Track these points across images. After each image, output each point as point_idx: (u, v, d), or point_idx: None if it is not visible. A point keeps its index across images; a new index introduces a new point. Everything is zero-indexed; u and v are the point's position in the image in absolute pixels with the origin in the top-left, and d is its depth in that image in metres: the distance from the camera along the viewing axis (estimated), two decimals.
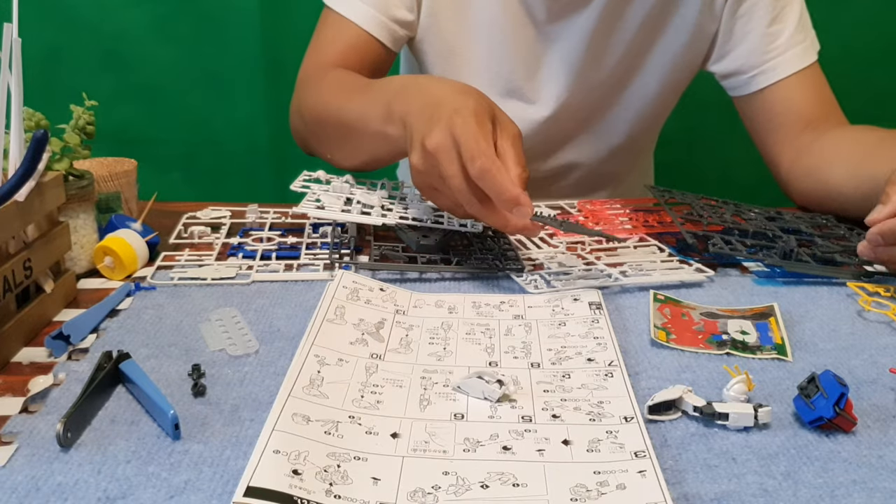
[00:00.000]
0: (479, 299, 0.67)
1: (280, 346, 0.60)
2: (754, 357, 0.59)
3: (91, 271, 0.73)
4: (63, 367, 0.56)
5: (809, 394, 0.51)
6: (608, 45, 0.99)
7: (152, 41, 1.71)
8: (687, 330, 0.63)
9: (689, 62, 1.03)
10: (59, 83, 1.39)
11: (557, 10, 0.97)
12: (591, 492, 0.43)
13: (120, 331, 0.61)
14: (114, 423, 0.50)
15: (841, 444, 0.49)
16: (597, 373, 0.56)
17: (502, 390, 0.52)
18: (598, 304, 0.65)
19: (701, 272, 0.73)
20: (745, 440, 0.49)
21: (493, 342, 0.60)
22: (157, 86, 1.71)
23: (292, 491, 0.41)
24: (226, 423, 0.50)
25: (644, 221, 0.88)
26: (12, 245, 0.59)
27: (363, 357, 0.57)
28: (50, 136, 0.65)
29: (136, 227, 0.75)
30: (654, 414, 0.51)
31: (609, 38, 0.99)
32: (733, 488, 0.45)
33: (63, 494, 0.43)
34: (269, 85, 1.66)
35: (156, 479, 0.45)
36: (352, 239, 0.79)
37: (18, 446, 0.47)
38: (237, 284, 0.70)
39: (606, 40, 0.99)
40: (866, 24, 1.60)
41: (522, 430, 0.49)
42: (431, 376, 0.55)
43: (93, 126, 0.74)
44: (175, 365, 0.56)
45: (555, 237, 0.83)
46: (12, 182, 0.58)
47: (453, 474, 0.44)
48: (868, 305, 0.67)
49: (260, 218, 0.86)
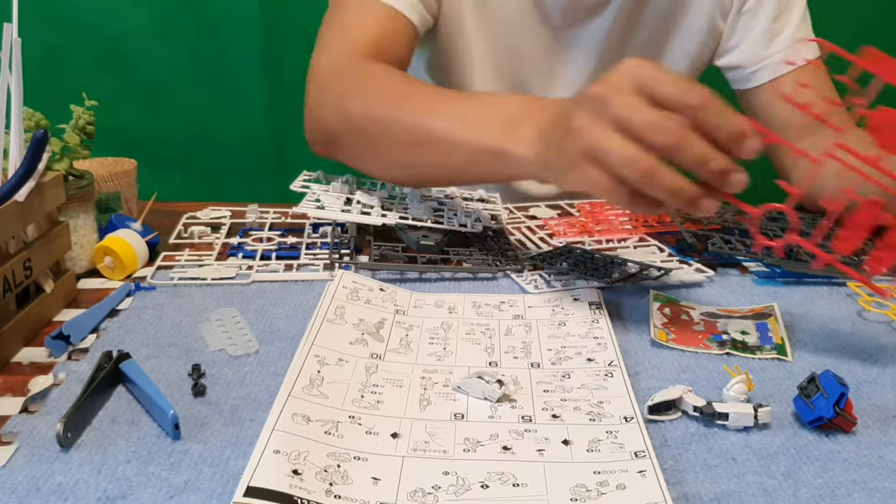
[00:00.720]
0: (479, 299, 0.67)
1: (280, 346, 0.60)
2: (754, 357, 0.59)
3: (91, 271, 0.73)
4: (63, 367, 0.56)
5: (809, 394, 0.51)
6: (623, 49, 0.99)
7: (152, 41, 1.71)
8: (687, 330, 0.63)
9: (701, 60, 1.03)
10: (59, 83, 1.39)
11: (573, 16, 0.96)
12: (591, 492, 0.43)
13: (120, 331, 0.61)
14: (114, 423, 0.50)
15: (841, 444, 0.49)
16: (597, 373, 0.56)
17: (502, 390, 0.52)
18: (598, 303, 0.65)
19: (701, 272, 0.73)
20: (745, 440, 0.49)
21: (493, 342, 0.60)
22: (157, 86, 1.71)
23: (292, 491, 0.41)
24: (226, 423, 0.50)
25: (644, 221, 0.88)
26: (12, 245, 0.59)
27: (363, 357, 0.57)
28: (50, 136, 0.65)
29: (136, 227, 0.75)
30: (654, 414, 0.51)
31: (624, 42, 0.99)
32: (733, 488, 0.45)
33: (63, 494, 0.43)
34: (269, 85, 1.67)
35: (156, 479, 0.45)
36: (352, 239, 0.79)
37: (18, 446, 0.47)
38: (237, 284, 0.70)
39: (621, 45, 0.99)
40: (867, 24, 1.60)
41: (522, 430, 0.49)
42: (431, 376, 0.55)
43: (93, 126, 0.74)
44: (175, 365, 0.56)
45: (555, 237, 0.83)
46: (12, 182, 0.58)
47: (453, 474, 0.44)
48: (868, 305, 0.67)
49: (260, 218, 0.86)
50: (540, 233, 0.84)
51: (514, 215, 0.90)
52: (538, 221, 0.88)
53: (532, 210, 0.92)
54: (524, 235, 0.84)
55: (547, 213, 0.91)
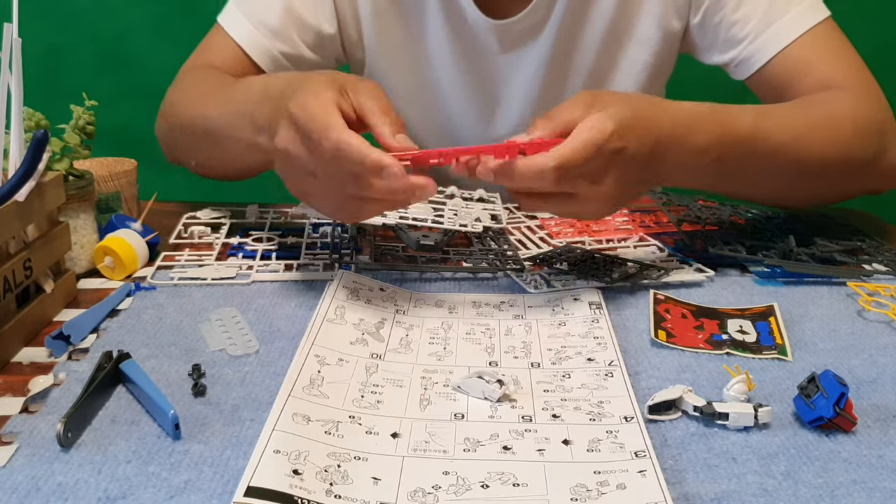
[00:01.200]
0: (479, 299, 0.67)
1: (280, 346, 0.60)
2: (754, 357, 0.59)
3: (91, 271, 0.73)
4: (63, 367, 0.56)
5: (809, 394, 0.51)
6: (568, 71, 0.97)
7: (152, 41, 1.71)
8: (687, 330, 0.63)
9: (661, 68, 0.99)
10: (59, 83, 1.40)
11: (509, 42, 0.95)
12: (591, 491, 0.43)
13: (120, 331, 0.61)
14: (114, 423, 0.50)
15: (841, 444, 0.49)
16: (597, 373, 0.56)
17: (502, 390, 0.52)
18: (599, 303, 0.65)
19: (701, 272, 0.73)
20: (745, 440, 0.49)
21: (494, 342, 0.60)
22: (157, 86, 1.70)
23: (293, 491, 0.41)
24: (226, 423, 0.50)
25: (640, 222, 0.88)
26: (12, 245, 0.59)
27: (363, 357, 0.57)
28: (50, 136, 0.65)
29: (136, 227, 0.75)
30: (654, 414, 0.51)
31: (568, 63, 0.97)
32: (733, 488, 0.45)
33: (63, 494, 0.43)
34: None
35: (156, 479, 0.45)
36: (352, 239, 0.79)
37: (19, 446, 0.47)
38: (237, 284, 0.70)
39: (565, 67, 0.97)
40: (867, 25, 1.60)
41: (522, 429, 0.49)
42: (431, 376, 0.55)
43: (93, 126, 0.74)
44: (175, 365, 0.56)
45: (555, 237, 0.83)
46: (12, 182, 0.58)
47: (453, 474, 0.45)
48: (868, 305, 0.67)
49: (260, 218, 0.86)
50: (540, 233, 0.84)
51: (514, 215, 0.90)
52: (538, 221, 0.88)
53: None
54: (524, 235, 0.84)
55: (547, 213, 0.91)
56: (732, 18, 0.89)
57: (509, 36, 0.94)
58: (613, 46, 0.97)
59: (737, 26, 0.89)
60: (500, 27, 0.93)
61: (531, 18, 0.93)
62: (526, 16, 0.92)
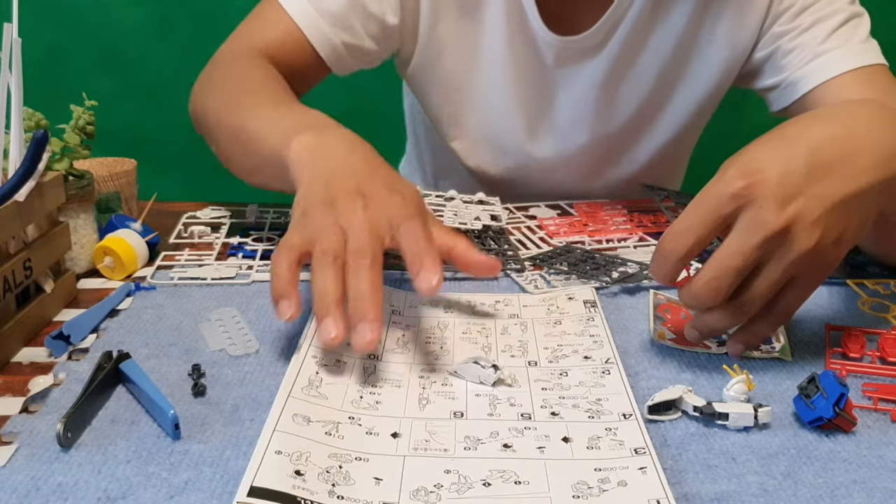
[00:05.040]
0: (473, 299, 0.67)
1: (280, 346, 0.60)
2: (754, 357, 0.59)
3: (91, 271, 0.73)
4: (63, 367, 0.56)
5: (809, 394, 0.51)
6: (621, 94, 0.96)
7: (152, 41, 1.71)
8: None
9: (715, 96, 0.98)
10: (59, 83, 1.40)
11: (566, 58, 0.93)
12: (592, 489, 0.43)
13: (120, 331, 0.61)
14: (114, 423, 0.50)
15: (841, 444, 0.49)
16: (594, 370, 0.56)
17: (497, 374, 0.53)
18: (593, 302, 0.65)
19: None
20: (745, 440, 0.50)
21: (490, 341, 0.60)
22: (157, 86, 1.71)
23: (295, 492, 0.41)
24: (226, 423, 0.50)
25: (639, 222, 0.88)
26: (12, 245, 0.60)
27: (360, 358, 0.57)
28: (50, 136, 0.65)
29: (136, 227, 0.75)
30: (654, 414, 0.51)
31: (622, 86, 0.96)
32: (733, 488, 0.45)
33: (63, 494, 0.43)
34: None
35: (156, 479, 0.45)
36: None
37: (18, 446, 0.47)
38: (237, 284, 0.70)
39: (619, 89, 0.96)
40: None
41: (522, 427, 0.49)
42: (430, 375, 0.55)
43: (93, 126, 0.74)
44: (175, 365, 0.56)
45: (555, 237, 0.83)
46: (12, 182, 0.58)
47: (455, 472, 0.45)
48: (868, 305, 0.67)
49: (260, 218, 0.86)
50: (540, 233, 0.85)
51: (513, 215, 0.90)
52: (537, 221, 0.88)
53: (532, 210, 0.92)
54: (524, 235, 0.84)
55: (546, 213, 0.91)
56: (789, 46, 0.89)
57: (567, 52, 0.93)
58: (671, 77, 0.95)
59: (791, 54, 0.89)
60: (560, 42, 0.91)
61: (593, 39, 0.91)
62: (588, 35, 0.91)
